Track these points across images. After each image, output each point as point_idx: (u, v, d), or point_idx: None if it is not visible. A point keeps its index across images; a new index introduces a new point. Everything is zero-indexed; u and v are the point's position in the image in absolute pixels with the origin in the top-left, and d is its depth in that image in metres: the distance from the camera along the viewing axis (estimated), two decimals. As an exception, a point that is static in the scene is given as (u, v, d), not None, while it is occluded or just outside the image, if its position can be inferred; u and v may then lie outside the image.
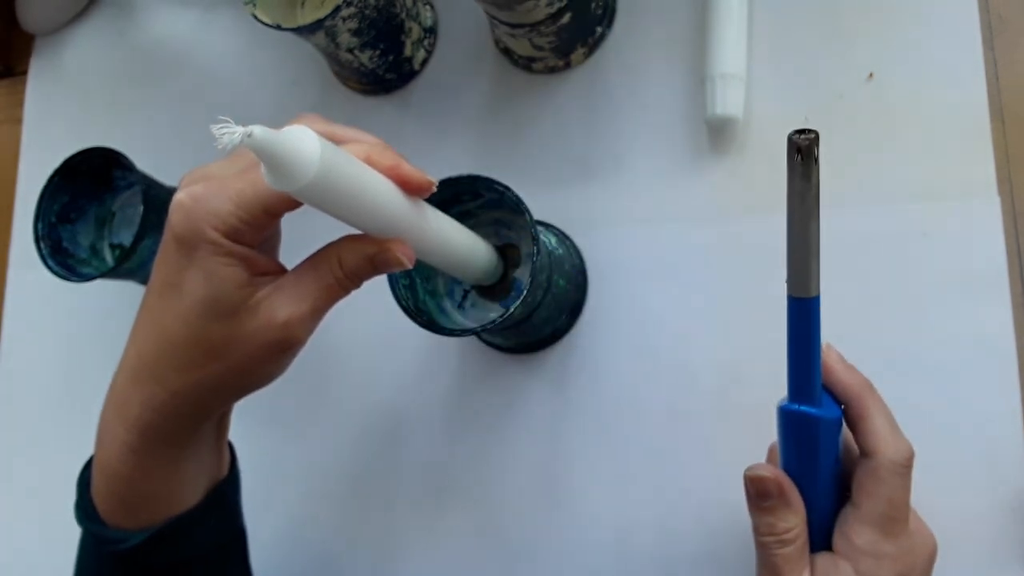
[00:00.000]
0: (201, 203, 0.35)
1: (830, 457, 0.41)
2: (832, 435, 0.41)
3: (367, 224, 0.36)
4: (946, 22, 0.51)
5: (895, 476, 0.40)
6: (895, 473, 0.40)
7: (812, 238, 0.34)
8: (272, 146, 0.29)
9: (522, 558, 0.55)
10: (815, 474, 0.41)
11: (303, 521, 0.60)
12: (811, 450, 0.41)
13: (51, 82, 0.77)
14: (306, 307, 0.37)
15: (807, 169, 0.32)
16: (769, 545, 0.41)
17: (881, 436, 0.40)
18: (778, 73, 0.54)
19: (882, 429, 0.41)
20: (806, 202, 0.33)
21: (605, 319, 0.56)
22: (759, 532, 0.42)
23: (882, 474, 0.40)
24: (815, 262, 0.35)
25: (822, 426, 0.40)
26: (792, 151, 0.32)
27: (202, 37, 0.72)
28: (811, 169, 0.32)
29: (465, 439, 0.57)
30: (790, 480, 0.41)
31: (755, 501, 0.42)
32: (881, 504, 0.40)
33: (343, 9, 0.53)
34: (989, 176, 0.49)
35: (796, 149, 0.32)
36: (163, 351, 0.37)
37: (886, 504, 0.40)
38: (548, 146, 0.59)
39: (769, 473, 0.41)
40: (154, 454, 0.40)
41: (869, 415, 0.41)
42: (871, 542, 0.40)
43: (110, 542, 0.41)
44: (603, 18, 0.58)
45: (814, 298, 0.36)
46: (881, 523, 0.40)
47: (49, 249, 0.61)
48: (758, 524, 0.42)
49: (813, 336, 0.38)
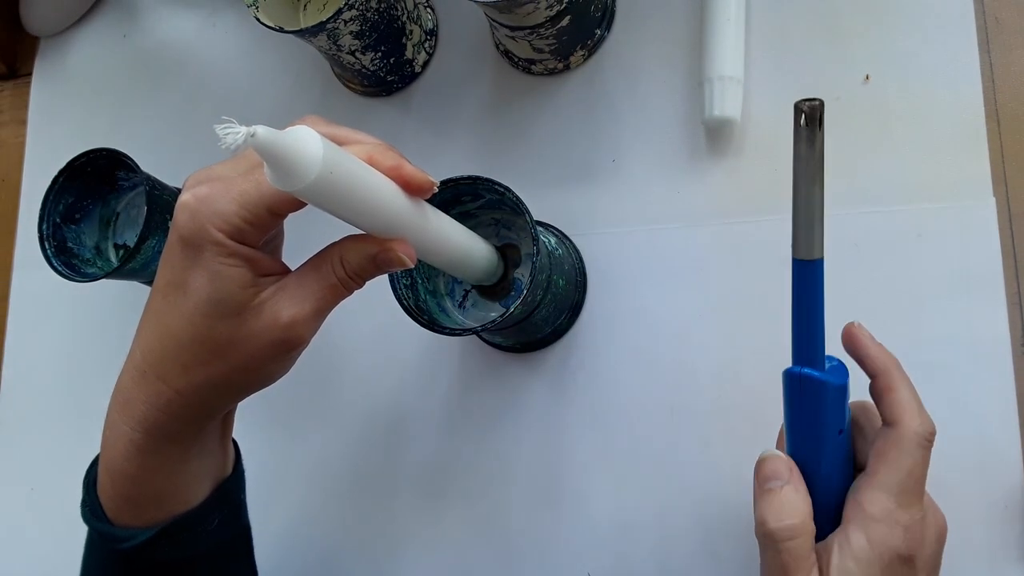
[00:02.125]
0: (206, 204, 0.35)
1: (835, 425, 0.41)
2: (836, 401, 0.40)
3: (369, 224, 0.36)
4: (942, 24, 0.52)
5: (917, 448, 0.40)
6: (918, 445, 0.40)
7: (816, 202, 0.35)
8: (275, 146, 0.30)
9: (522, 556, 0.55)
10: (820, 442, 0.41)
11: (306, 519, 0.61)
12: (815, 415, 0.40)
13: (55, 84, 0.78)
14: (309, 307, 0.37)
15: (812, 134, 0.34)
16: (775, 535, 0.40)
17: (907, 407, 0.40)
18: (775, 75, 0.55)
19: (909, 401, 0.41)
20: (810, 167, 0.34)
21: (605, 319, 0.56)
22: (765, 523, 0.40)
23: (905, 444, 0.40)
24: (819, 226, 0.36)
25: (826, 390, 0.39)
26: (798, 116, 0.33)
27: (205, 39, 0.73)
28: (815, 134, 0.34)
29: (465, 437, 0.58)
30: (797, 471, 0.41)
31: (763, 484, 0.41)
32: (900, 473, 0.40)
33: (345, 12, 0.54)
34: (985, 177, 0.50)
35: (801, 114, 0.33)
36: (168, 351, 0.38)
37: (905, 474, 0.40)
38: (548, 147, 0.59)
39: (781, 455, 0.42)
40: (159, 453, 0.40)
41: (896, 387, 0.41)
42: (885, 510, 0.40)
43: (116, 540, 0.42)
44: (602, 21, 0.58)
45: (817, 261, 0.37)
46: (897, 492, 0.40)
47: (54, 249, 0.61)
48: (765, 513, 0.40)
49: (817, 299, 0.38)
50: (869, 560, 0.39)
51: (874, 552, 0.39)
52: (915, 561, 0.39)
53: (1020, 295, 0.48)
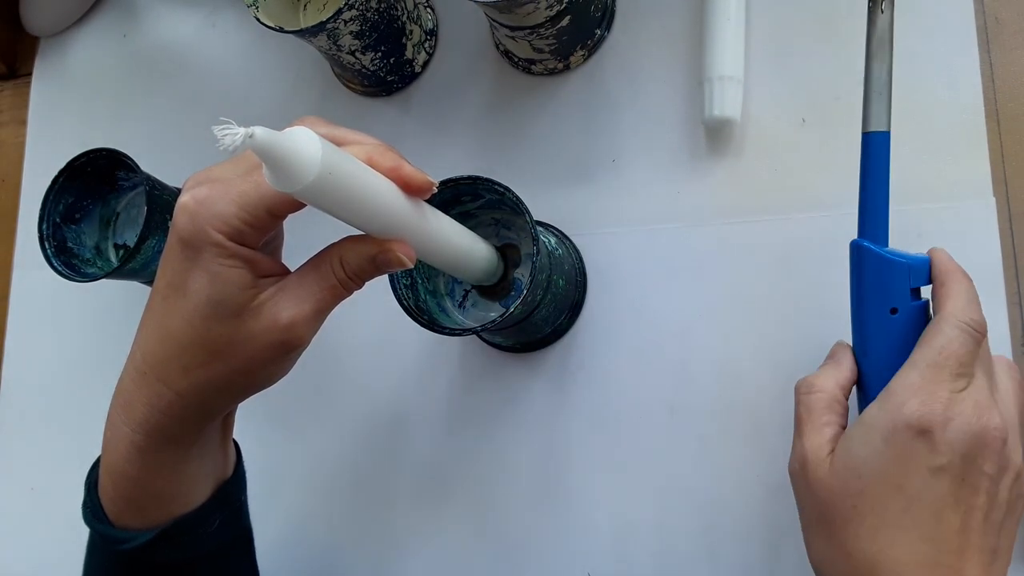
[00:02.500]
0: (205, 206, 0.35)
1: (884, 302, 0.41)
2: (887, 276, 0.41)
3: (368, 225, 0.36)
4: (943, 24, 0.52)
5: (954, 328, 0.39)
6: (954, 326, 0.39)
7: (876, 77, 0.41)
8: (273, 147, 0.30)
9: (522, 556, 0.55)
10: (868, 315, 0.42)
11: (306, 519, 0.61)
12: (868, 287, 0.42)
13: (55, 84, 0.78)
14: (309, 308, 0.37)
15: (872, 15, 0.41)
16: (797, 389, 0.43)
17: (952, 296, 0.40)
18: (775, 75, 0.55)
19: (956, 294, 0.40)
20: (871, 45, 0.41)
21: (605, 319, 0.56)
22: (800, 389, 0.43)
23: (942, 325, 0.39)
24: (881, 100, 0.41)
25: (878, 261, 0.41)
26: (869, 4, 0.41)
27: (205, 39, 0.73)
28: (875, 15, 0.41)
29: (465, 437, 0.58)
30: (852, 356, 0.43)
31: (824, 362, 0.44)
32: (931, 351, 0.39)
33: (345, 12, 0.54)
34: (985, 177, 0.50)
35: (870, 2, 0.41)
36: (168, 352, 0.38)
37: (936, 352, 0.39)
38: (548, 147, 0.59)
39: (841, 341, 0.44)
40: (160, 454, 0.40)
41: (947, 283, 0.41)
42: (907, 382, 0.39)
43: (117, 541, 0.42)
44: (602, 21, 0.58)
45: (882, 133, 0.41)
46: (923, 367, 0.39)
47: (54, 249, 0.61)
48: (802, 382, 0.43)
49: (881, 173, 0.42)
50: (874, 425, 0.39)
51: (882, 418, 0.39)
52: (932, 436, 0.37)
53: (1020, 295, 0.48)
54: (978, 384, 0.39)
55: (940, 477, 0.37)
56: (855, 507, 0.38)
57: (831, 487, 0.39)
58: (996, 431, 0.37)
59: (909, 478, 0.37)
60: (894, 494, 0.38)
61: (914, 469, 0.37)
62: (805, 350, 0.50)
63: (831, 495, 0.39)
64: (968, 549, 0.37)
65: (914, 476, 0.37)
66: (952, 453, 0.37)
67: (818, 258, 0.51)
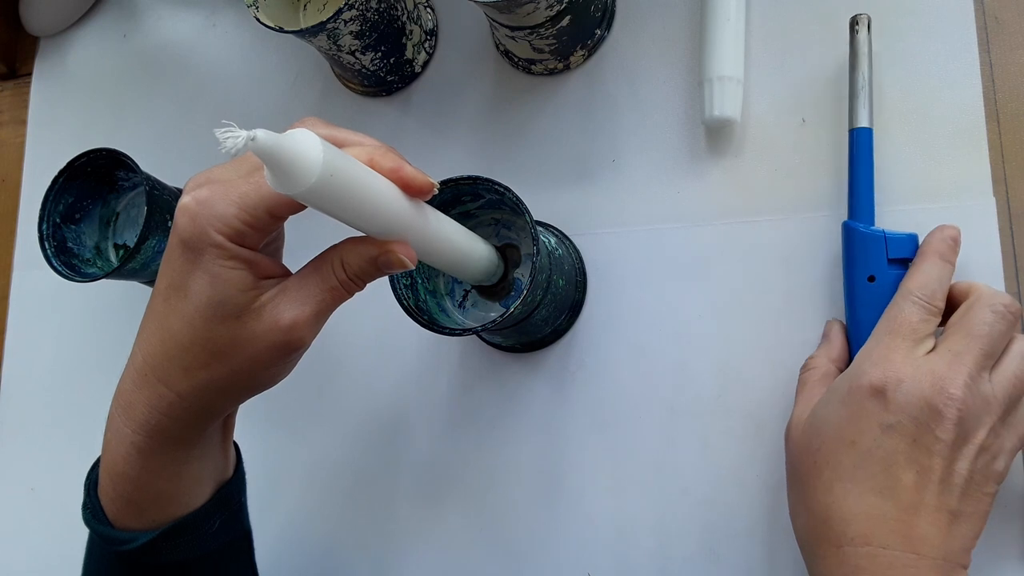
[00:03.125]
0: (206, 207, 0.35)
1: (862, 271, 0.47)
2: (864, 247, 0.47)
3: (369, 226, 0.36)
4: (942, 24, 0.52)
5: (906, 300, 0.42)
6: (907, 299, 0.42)
7: (857, 82, 0.49)
8: (275, 149, 0.30)
9: (522, 556, 0.55)
10: (852, 284, 0.47)
11: (306, 519, 0.61)
12: (855, 259, 0.47)
13: (55, 84, 0.78)
14: (310, 309, 0.37)
15: (852, 33, 0.50)
16: (800, 371, 0.48)
17: (914, 274, 0.43)
18: (775, 75, 0.55)
19: (919, 271, 0.43)
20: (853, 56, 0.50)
21: (605, 319, 0.56)
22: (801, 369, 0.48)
23: (897, 299, 0.43)
24: (861, 101, 0.49)
25: (856, 235, 0.47)
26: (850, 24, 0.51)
27: (205, 39, 0.73)
28: (855, 33, 0.50)
29: (465, 438, 0.58)
30: (843, 331, 0.48)
31: None
32: (887, 322, 0.42)
33: (345, 12, 0.54)
34: (984, 177, 0.49)
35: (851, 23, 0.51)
36: (169, 353, 0.38)
37: (891, 321, 0.42)
38: (548, 147, 0.59)
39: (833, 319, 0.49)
40: (161, 455, 0.40)
41: (918, 262, 0.44)
42: (864, 350, 0.43)
43: (117, 542, 0.42)
44: (602, 21, 0.58)
45: (860, 129, 0.49)
46: (880, 335, 0.42)
47: (54, 249, 0.61)
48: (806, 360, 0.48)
49: (863, 162, 0.49)
50: (837, 389, 0.42)
51: (843, 382, 0.42)
52: (884, 395, 0.40)
53: (1020, 295, 0.48)
54: (942, 354, 0.40)
55: (890, 434, 0.39)
56: (815, 463, 0.41)
57: (799, 445, 0.43)
58: (950, 400, 0.39)
59: (862, 434, 0.40)
60: (848, 449, 0.40)
61: (866, 426, 0.40)
62: (805, 350, 0.50)
63: (799, 452, 0.43)
64: (922, 507, 0.38)
65: (866, 432, 0.40)
66: (902, 413, 0.39)
67: (818, 258, 0.51)
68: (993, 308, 0.41)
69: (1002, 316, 0.41)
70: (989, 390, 0.40)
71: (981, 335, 0.40)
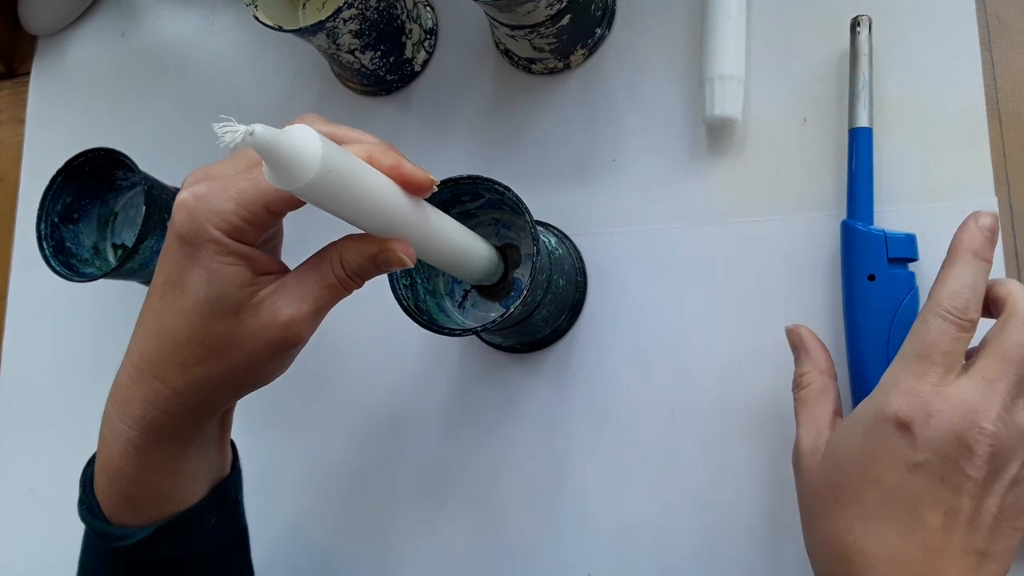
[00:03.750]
0: (204, 202, 0.35)
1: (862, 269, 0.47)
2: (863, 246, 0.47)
3: (368, 223, 0.36)
4: (944, 23, 0.52)
5: (935, 316, 0.38)
6: (936, 314, 0.38)
7: (857, 82, 0.50)
8: (273, 144, 0.30)
9: (522, 556, 0.55)
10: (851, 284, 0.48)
11: (303, 519, 0.61)
12: (854, 258, 0.48)
13: (54, 83, 0.78)
14: (308, 307, 0.37)
15: (853, 34, 0.50)
16: (793, 390, 0.45)
17: (942, 280, 0.39)
18: (776, 75, 0.55)
19: (948, 278, 0.39)
20: (853, 57, 0.50)
21: (605, 319, 0.56)
22: (793, 389, 0.46)
23: (925, 313, 0.38)
24: (861, 101, 0.49)
25: (855, 234, 0.48)
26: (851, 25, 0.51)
27: (204, 38, 0.72)
28: (855, 34, 0.50)
29: (465, 438, 0.58)
30: (815, 337, 0.46)
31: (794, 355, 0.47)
32: (915, 341, 0.38)
33: (344, 11, 0.53)
34: (986, 176, 0.49)
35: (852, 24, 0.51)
36: (166, 349, 0.38)
37: (920, 342, 0.38)
38: (548, 147, 0.59)
39: (794, 328, 0.47)
40: (157, 452, 0.40)
41: (947, 265, 0.40)
42: (891, 375, 0.38)
43: (113, 539, 0.42)
44: (602, 20, 0.58)
45: (860, 129, 0.49)
46: (907, 359, 0.38)
47: (52, 249, 0.61)
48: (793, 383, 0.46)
49: (863, 162, 0.49)
50: (859, 419, 0.39)
51: (867, 411, 0.39)
52: (912, 430, 0.36)
53: (1021, 295, 0.48)
54: (975, 381, 0.37)
55: (918, 473, 0.36)
56: (836, 498, 0.39)
57: (818, 477, 0.40)
58: (982, 436, 0.36)
59: (887, 472, 0.37)
60: (871, 487, 0.38)
61: (892, 463, 0.37)
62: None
63: (818, 485, 0.40)
64: (949, 549, 0.36)
65: (891, 470, 0.37)
66: (930, 450, 0.36)
67: (819, 257, 0.51)
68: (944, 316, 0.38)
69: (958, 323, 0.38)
70: (1022, 422, 0.37)
71: (1017, 359, 0.37)
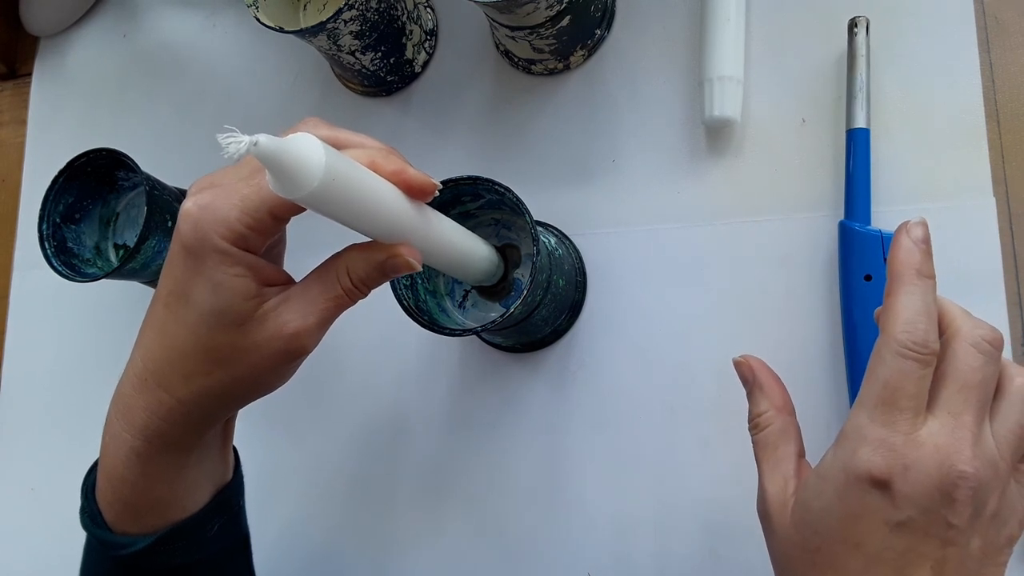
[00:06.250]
0: (208, 211, 0.35)
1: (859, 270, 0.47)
2: (860, 246, 0.48)
3: (372, 229, 0.36)
4: (943, 24, 0.52)
5: (895, 357, 0.35)
6: (894, 353, 0.35)
7: (855, 83, 0.50)
8: (277, 155, 0.30)
9: (522, 556, 0.55)
10: (848, 284, 0.48)
11: (305, 521, 0.61)
12: (851, 259, 0.48)
13: (55, 84, 0.78)
14: (314, 319, 0.37)
15: (851, 35, 0.51)
16: (750, 431, 0.41)
17: (892, 313, 0.36)
18: (775, 75, 0.55)
19: (899, 308, 0.35)
20: (851, 58, 0.51)
21: (604, 319, 0.56)
22: (749, 428, 0.41)
23: (882, 352, 0.35)
24: (859, 102, 0.50)
25: (852, 234, 0.48)
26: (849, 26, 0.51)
27: (205, 39, 0.72)
28: (853, 35, 0.51)
29: (465, 438, 0.58)
30: (769, 370, 0.42)
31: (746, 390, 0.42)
32: (876, 386, 0.35)
33: (345, 12, 0.54)
34: (984, 177, 0.50)
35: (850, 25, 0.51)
36: (170, 359, 0.38)
37: (880, 386, 0.35)
38: (548, 147, 0.59)
39: (744, 360, 0.42)
40: (160, 460, 0.40)
41: (892, 293, 0.36)
42: (855, 425, 0.35)
43: (115, 547, 0.41)
44: (602, 21, 0.58)
45: (858, 129, 0.50)
46: (871, 406, 0.35)
47: (54, 249, 0.61)
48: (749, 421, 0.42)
49: (860, 162, 0.49)
50: (827, 476, 0.36)
51: (836, 467, 0.36)
52: (890, 488, 0.34)
53: (1020, 295, 0.48)
54: (942, 419, 0.35)
55: (901, 533, 0.34)
56: (814, 563, 0.36)
57: (792, 540, 0.38)
58: (961, 480, 0.33)
59: (867, 536, 0.35)
60: (852, 552, 0.35)
61: (872, 525, 0.35)
62: (805, 350, 0.50)
63: (792, 549, 0.38)
64: None
65: (872, 533, 0.35)
66: (911, 507, 0.34)
67: (818, 258, 0.52)
68: (978, 347, 0.35)
69: (989, 356, 0.35)
70: (993, 451, 0.35)
71: (974, 384, 0.35)
